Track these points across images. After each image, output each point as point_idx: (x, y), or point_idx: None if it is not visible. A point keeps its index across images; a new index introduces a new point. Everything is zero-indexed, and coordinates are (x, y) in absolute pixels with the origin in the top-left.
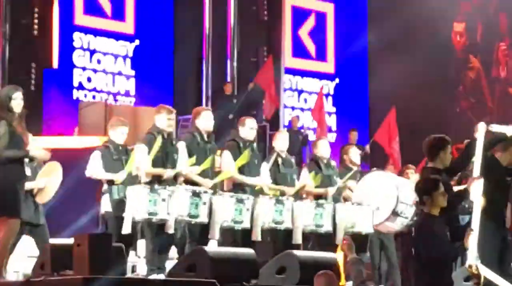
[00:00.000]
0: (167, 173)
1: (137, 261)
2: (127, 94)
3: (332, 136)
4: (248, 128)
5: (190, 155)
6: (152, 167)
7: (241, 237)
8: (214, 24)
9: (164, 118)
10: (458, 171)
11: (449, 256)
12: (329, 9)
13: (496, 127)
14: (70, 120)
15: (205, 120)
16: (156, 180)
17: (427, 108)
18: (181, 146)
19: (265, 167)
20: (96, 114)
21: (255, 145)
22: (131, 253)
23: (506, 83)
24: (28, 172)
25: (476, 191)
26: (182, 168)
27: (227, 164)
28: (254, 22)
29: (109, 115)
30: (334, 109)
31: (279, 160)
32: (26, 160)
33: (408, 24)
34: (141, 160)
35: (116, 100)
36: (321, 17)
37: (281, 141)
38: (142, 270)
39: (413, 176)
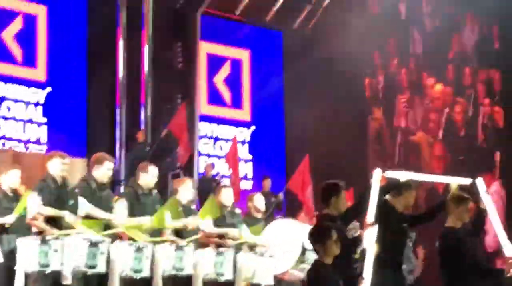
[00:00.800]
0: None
1: None
2: (37, 142)
3: (248, 184)
4: (150, 176)
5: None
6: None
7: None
8: (129, 70)
9: (57, 164)
10: (354, 217)
11: None
12: (244, 56)
13: (391, 173)
14: None
15: (102, 169)
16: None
17: (338, 154)
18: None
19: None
20: (3, 163)
21: (155, 191)
22: None
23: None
24: None
25: (370, 238)
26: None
27: (121, 213)
28: (169, 69)
29: (18, 163)
30: (250, 157)
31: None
32: None
33: (322, 69)
34: (34, 208)
35: (27, 148)
36: (236, 64)
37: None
38: None
39: None
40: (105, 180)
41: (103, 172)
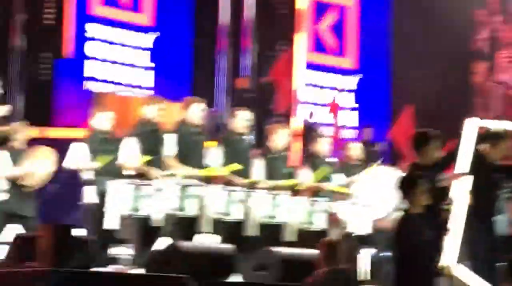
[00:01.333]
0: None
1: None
2: (145, 87)
3: (352, 133)
4: (239, 119)
5: (179, 148)
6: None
7: (233, 230)
8: (232, 17)
9: (153, 109)
10: (446, 166)
11: (429, 255)
12: (352, 3)
13: (485, 122)
14: (83, 111)
15: (195, 112)
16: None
17: (442, 106)
18: (170, 137)
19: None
20: (109, 106)
21: (250, 137)
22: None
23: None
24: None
25: (460, 188)
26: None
27: (216, 160)
28: (272, 15)
29: (123, 107)
30: (356, 105)
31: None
32: None
33: (429, 23)
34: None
35: (132, 92)
36: (343, 11)
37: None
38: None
39: None
40: (198, 120)
41: (193, 113)
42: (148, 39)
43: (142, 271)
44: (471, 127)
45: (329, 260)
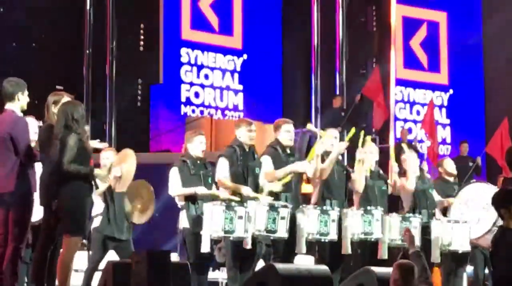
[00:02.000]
0: (246, 191)
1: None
2: (235, 109)
3: (446, 149)
4: (284, 132)
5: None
6: (233, 182)
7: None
8: (323, 36)
9: (243, 131)
10: None
11: None
12: (441, 18)
13: None
14: (178, 136)
15: (285, 134)
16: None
17: None
18: (265, 159)
19: None
20: (202, 130)
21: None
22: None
23: None
24: (94, 190)
25: None
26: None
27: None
28: (363, 34)
29: (215, 130)
30: (448, 121)
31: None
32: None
33: None
34: (222, 173)
35: (224, 115)
36: (433, 27)
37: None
38: None
39: None
40: (287, 143)
41: (283, 135)
42: (237, 62)
43: None
44: None
45: (404, 284)
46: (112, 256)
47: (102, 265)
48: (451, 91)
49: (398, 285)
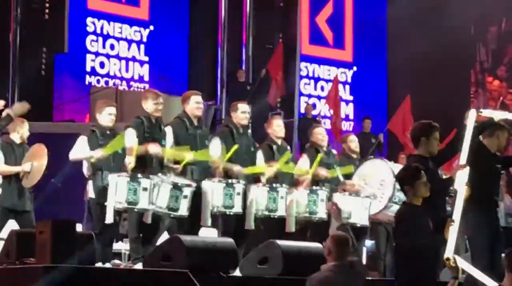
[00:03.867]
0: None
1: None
2: (141, 80)
3: (349, 125)
4: (240, 113)
5: (177, 142)
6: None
7: (234, 223)
8: (230, 10)
9: (150, 103)
10: (447, 158)
11: (429, 249)
12: None
13: (486, 112)
14: (82, 106)
15: (195, 104)
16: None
17: (441, 96)
18: (169, 131)
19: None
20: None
21: (249, 130)
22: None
23: None
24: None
25: (462, 179)
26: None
27: (216, 152)
28: (270, 9)
29: (121, 101)
30: (351, 98)
31: (274, 147)
32: None
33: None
34: (131, 142)
35: (129, 86)
36: (339, 4)
37: (275, 126)
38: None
39: None
40: (196, 113)
41: (192, 106)
42: (144, 33)
43: (141, 266)
44: (472, 118)
45: (339, 255)
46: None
47: (4, 234)
48: (355, 68)
49: (332, 257)
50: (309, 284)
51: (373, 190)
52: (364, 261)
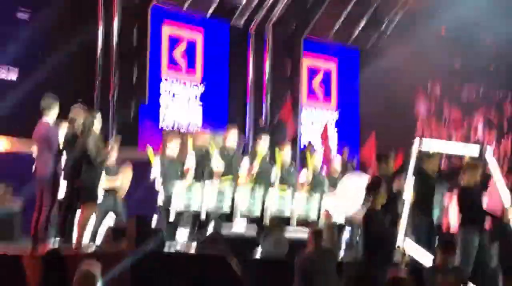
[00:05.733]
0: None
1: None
2: (196, 123)
3: (334, 152)
4: (262, 142)
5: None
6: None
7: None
8: (255, 78)
9: (203, 139)
10: (398, 176)
11: (386, 240)
12: (333, 67)
13: (426, 143)
14: (157, 141)
15: (231, 135)
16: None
17: (395, 131)
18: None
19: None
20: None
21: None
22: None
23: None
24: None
25: (408, 191)
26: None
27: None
28: (282, 77)
29: (184, 139)
30: (336, 134)
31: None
32: None
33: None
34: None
35: (188, 128)
36: (327, 73)
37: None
38: None
39: None
40: (233, 144)
41: (231, 137)
42: (198, 91)
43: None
44: (416, 147)
45: (316, 242)
46: None
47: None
48: (338, 113)
49: (311, 243)
50: (295, 264)
51: (351, 196)
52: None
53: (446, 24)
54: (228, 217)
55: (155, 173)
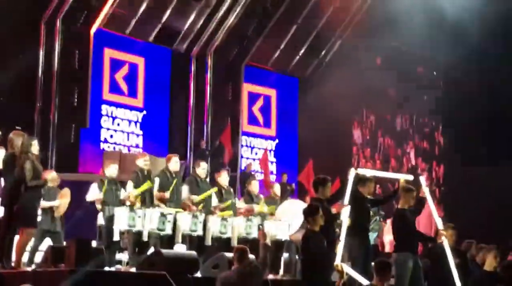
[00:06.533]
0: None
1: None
2: (137, 146)
3: (273, 177)
4: (201, 169)
5: (161, 187)
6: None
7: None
8: (197, 101)
9: (142, 161)
10: (336, 200)
11: (324, 259)
12: (273, 93)
13: (361, 171)
14: (97, 163)
15: (174, 163)
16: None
17: (332, 158)
18: (156, 180)
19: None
20: (114, 160)
21: (207, 179)
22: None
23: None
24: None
25: (345, 214)
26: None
27: (185, 194)
28: (223, 101)
29: (123, 161)
30: (274, 160)
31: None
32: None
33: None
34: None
35: (129, 150)
36: (267, 99)
37: (223, 177)
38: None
39: None
40: (175, 169)
41: (173, 164)
42: (139, 115)
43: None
44: (352, 174)
45: (240, 260)
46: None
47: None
48: (277, 140)
49: (236, 261)
50: (217, 282)
51: (289, 219)
52: (282, 267)
53: (382, 54)
54: (170, 239)
55: (94, 194)
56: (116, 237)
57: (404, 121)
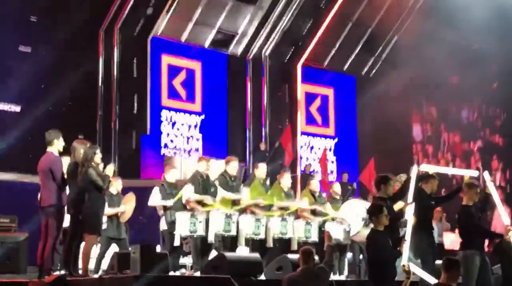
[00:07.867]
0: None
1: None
2: (196, 150)
3: (333, 177)
4: (231, 165)
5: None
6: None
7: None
8: (254, 104)
9: (203, 165)
10: (399, 198)
11: (389, 259)
12: (330, 93)
13: (424, 167)
14: (159, 168)
15: (232, 167)
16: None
17: (393, 156)
18: (217, 183)
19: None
20: (174, 165)
21: (267, 181)
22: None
23: None
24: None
25: (409, 212)
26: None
27: (245, 196)
28: (280, 102)
29: (184, 165)
30: (334, 158)
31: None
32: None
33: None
34: (188, 194)
35: (189, 155)
36: (325, 98)
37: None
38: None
39: None
40: (234, 173)
41: (232, 167)
42: (198, 120)
43: (198, 273)
44: (415, 171)
45: (307, 261)
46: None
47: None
48: (336, 139)
49: (301, 263)
50: (283, 282)
51: (351, 219)
52: (346, 267)
53: (443, 46)
54: (233, 240)
55: (155, 200)
56: (176, 242)
57: (468, 113)
